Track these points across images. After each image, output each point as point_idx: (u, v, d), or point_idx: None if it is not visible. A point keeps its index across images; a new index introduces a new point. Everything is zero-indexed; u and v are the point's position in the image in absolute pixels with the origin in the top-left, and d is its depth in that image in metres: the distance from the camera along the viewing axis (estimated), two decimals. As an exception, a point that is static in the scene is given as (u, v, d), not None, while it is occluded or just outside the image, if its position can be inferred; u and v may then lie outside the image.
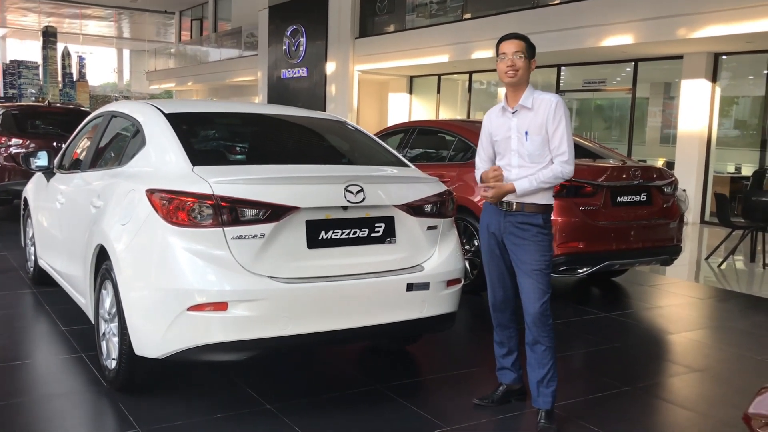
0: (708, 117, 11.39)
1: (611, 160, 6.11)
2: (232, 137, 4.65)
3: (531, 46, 3.26)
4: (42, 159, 5.12)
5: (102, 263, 3.58)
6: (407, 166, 4.02)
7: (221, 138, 4.52)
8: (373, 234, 3.44)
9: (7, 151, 8.94)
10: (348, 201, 3.32)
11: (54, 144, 8.41)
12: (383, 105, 19.16)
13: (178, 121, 3.75)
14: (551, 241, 3.29)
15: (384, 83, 18.82)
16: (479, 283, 5.32)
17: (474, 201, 5.65)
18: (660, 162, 12.66)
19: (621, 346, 4.74)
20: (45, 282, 5.37)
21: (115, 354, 3.42)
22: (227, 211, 3.09)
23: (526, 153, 3.23)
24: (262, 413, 3.31)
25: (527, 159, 3.23)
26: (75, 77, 31.90)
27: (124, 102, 4.77)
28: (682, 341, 4.94)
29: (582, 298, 6.24)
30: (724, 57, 11.44)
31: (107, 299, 3.53)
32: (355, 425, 3.25)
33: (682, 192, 6.60)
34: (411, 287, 3.43)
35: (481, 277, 3.92)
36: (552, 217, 3.34)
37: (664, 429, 3.47)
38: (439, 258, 3.62)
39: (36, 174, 5.59)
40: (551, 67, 14.16)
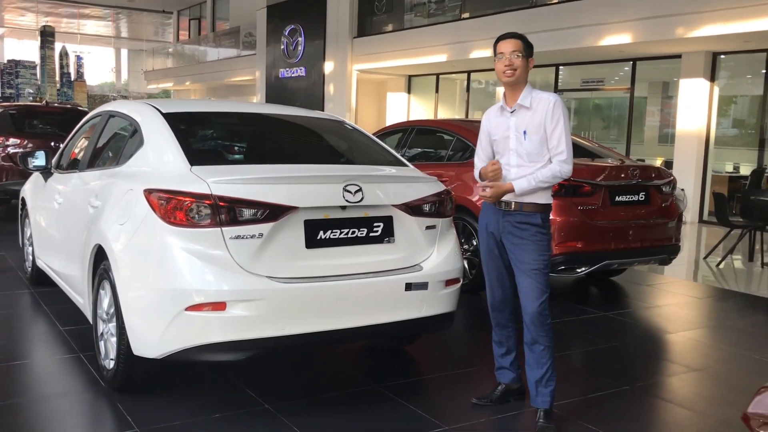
0: (706, 116, 11.39)
1: (610, 159, 6.11)
2: (230, 137, 4.64)
3: (529, 45, 3.26)
4: (40, 159, 5.11)
5: (100, 263, 3.57)
6: (406, 165, 4.01)
7: (219, 138, 4.51)
8: (372, 234, 3.44)
9: (5, 151, 8.93)
10: (346, 201, 3.32)
11: (52, 144, 8.40)
12: (381, 104, 19.16)
13: (176, 121, 3.75)
14: (550, 241, 3.30)
15: (382, 83, 18.81)
16: (478, 283, 5.32)
17: (472, 200, 5.65)
18: (658, 161, 12.68)
19: (619, 345, 4.74)
20: (43, 282, 5.35)
21: (114, 354, 3.41)
22: (225, 211, 3.09)
23: (524, 152, 3.23)
24: (260, 413, 3.31)
25: (526, 158, 3.23)
26: (73, 77, 31.82)
27: (121, 101, 4.75)
28: (680, 340, 4.94)
29: (580, 297, 6.24)
30: (722, 56, 11.45)
31: (105, 299, 3.52)
32: (354, 425, 3.25)
33: (680, 191, 6.61)
34: (409, 287, 3.43)
35: (480, 277, 3.92)
36: (551, 217, 3.35)
37: (662, 428, 3.47)
38: (438, 258, 3.62)
39: (34, 174, 5.58)
40: (549, 67, 14.17)
